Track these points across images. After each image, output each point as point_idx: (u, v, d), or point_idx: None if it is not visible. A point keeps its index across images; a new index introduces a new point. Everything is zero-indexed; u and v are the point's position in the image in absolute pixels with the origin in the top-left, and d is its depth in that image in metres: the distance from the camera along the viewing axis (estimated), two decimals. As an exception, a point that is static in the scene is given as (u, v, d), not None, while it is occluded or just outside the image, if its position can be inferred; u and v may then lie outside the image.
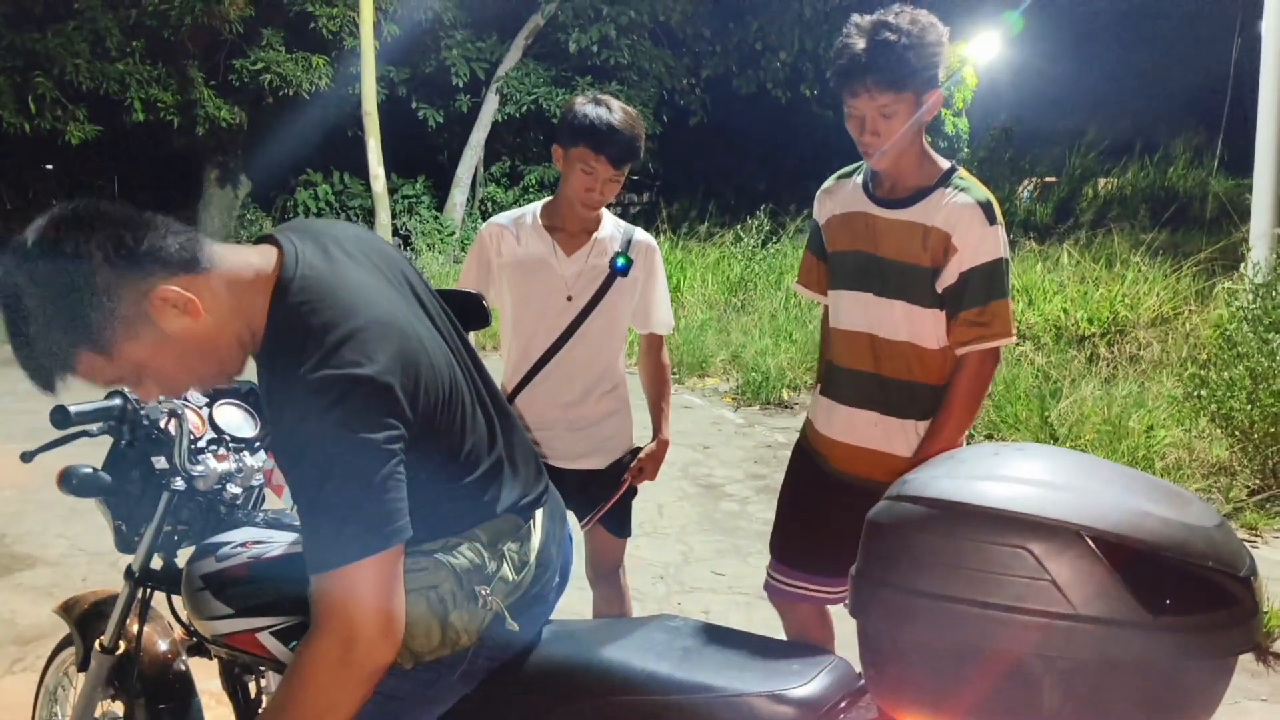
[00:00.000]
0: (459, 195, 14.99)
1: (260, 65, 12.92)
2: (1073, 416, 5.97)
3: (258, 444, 2.00)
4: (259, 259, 1.35)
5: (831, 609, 2.56)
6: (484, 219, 12.56)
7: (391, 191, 14.02)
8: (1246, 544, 4.50)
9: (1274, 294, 5.51)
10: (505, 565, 1.48)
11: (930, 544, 1.13)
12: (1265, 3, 6.91)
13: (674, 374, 8.68)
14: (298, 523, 1.84)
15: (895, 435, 2.33)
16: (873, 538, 1.21)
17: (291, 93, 13.15)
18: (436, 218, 14.85)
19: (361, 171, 13.26)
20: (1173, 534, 1.07)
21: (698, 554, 4.47)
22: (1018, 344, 7.47)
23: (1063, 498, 1.10)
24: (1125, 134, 17.94)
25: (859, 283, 2.33)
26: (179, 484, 1.84)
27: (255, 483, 1.97)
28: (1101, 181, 16.64)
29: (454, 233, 14.43)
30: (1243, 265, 6.28)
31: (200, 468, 1.87)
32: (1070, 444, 5.67)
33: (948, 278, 2.21)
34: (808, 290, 2.59)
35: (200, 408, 2.00)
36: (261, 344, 1.34)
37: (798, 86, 15.67)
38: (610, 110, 2.38)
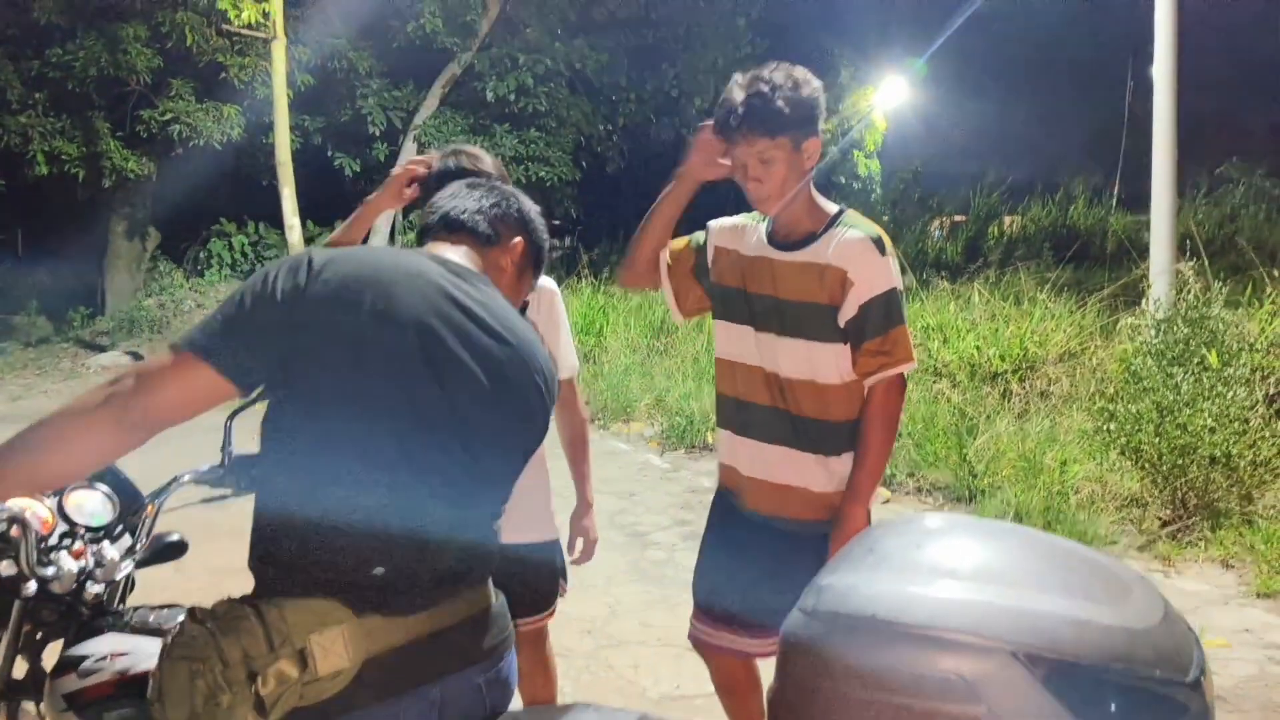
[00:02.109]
0: (377, 243, 14.82)
1: (169, 116, 12.65)
2: (990, 452, 6.09)
3: (119, 530, 1.86)
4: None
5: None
6: (403, 268, 12.33)
7: (309, 240, 13.76)
8: (1158, 574, 4.64)
9: (1175, 329, 5.72)
10: (299, 659, 1.28)
11: (853, 666, 1.02)
12: (1155, 49, 7.25)
13: (598, 420, 8.67)
14: (167, 624, 1.74)
15: (809, 469, 2.36)
16: (790, 657, 1.11)
17: (202, 142, 12.89)
18: (355, 264, 14.66)
19: (278, 220, 13.02)
20: (1115, 645, 0.99)
21: (625, 606, 4.43)
22: (935, 381, 7.63)
23: (994, 603, 1.01)
24: (1025, 175, 18.61)
25: (760, 322, 2.39)
26: (31, 588, 1.69)
27: (119, 575, 1.81)
28: (1007, 220, 17.20)
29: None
30: (1144, 300, 6.52)
31: (52, 569, 1.71)
32: (989, 480, 5.79)
33: (848, 311, 2.30)
34: (669, 281, 2.57)
35: (47, 498, 1.83)
36: None
37: (716, 130, 15.89)
38: (465, 156, 2.43)
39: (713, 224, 2.56)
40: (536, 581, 2.64)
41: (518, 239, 1.67)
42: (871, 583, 1.07)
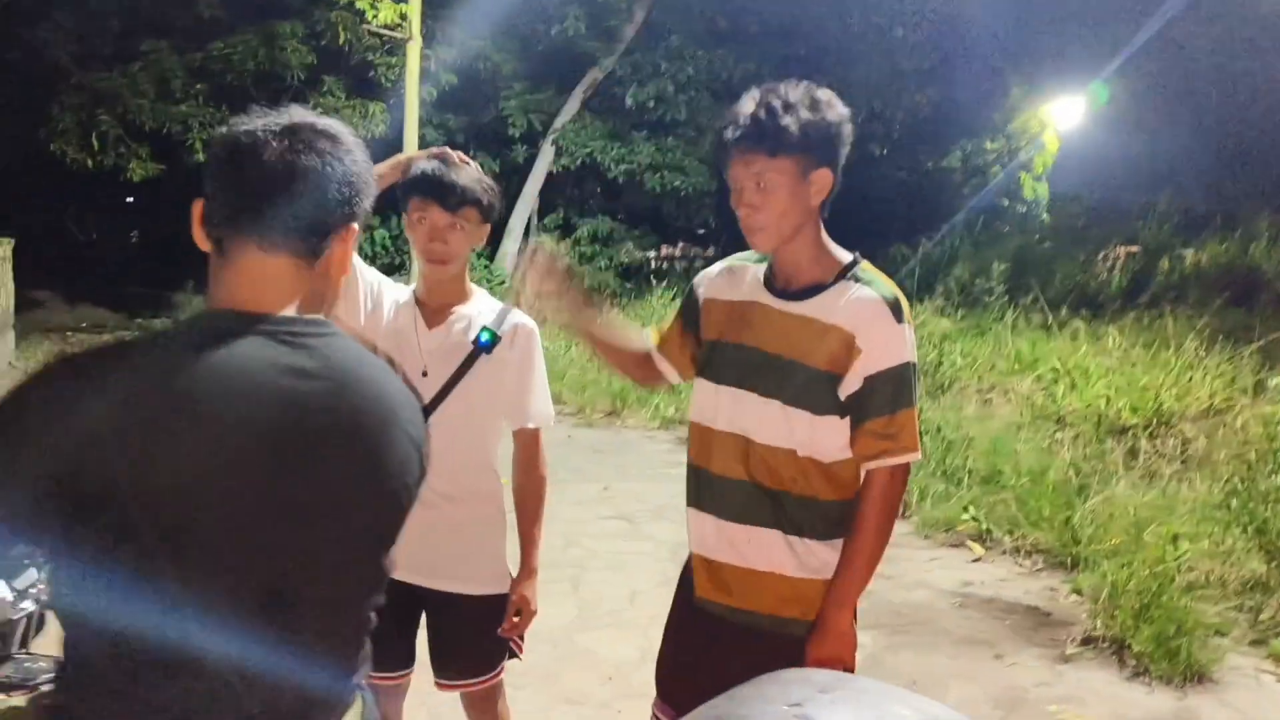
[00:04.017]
0: (510, 245, 14.97)
1: (319, 111, 13.04)
2: (1102, 517, 5.50)
3: (26, 565, 1.74)
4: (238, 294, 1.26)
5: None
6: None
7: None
8: (1268, 675, 4.03)
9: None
10: None
11: None
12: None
13: (668, 428, 8.35)
14: (32, 680, 1.59)
15: (776, 550, 2.04)
16: None
17: (349, 138, 13.33)
18: (488, 267, 14.84)
19: (414, 217, 13.34)
20: None
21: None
22: (1056, 430, 7.00)
23: None
24: (1204, 207, 17.25)
25: (740, 379, 2.07)
26: None
27: (15, 616, 1.71)
28: (1188, 255, 15.91)
29: (504, 282, 14.38)
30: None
31: None
32: (1092, 548, 5.21)
33: (851, 383, 1.98)
34: (664, 360, 2.31)
35: None
36: None
37: (867, 145, 15.38)
38: (444, 163, 2.29)
39: (700, 277, 2.28)
40: (487, 639, 2.42)
41: (350, 226, 1.30)
42: None
